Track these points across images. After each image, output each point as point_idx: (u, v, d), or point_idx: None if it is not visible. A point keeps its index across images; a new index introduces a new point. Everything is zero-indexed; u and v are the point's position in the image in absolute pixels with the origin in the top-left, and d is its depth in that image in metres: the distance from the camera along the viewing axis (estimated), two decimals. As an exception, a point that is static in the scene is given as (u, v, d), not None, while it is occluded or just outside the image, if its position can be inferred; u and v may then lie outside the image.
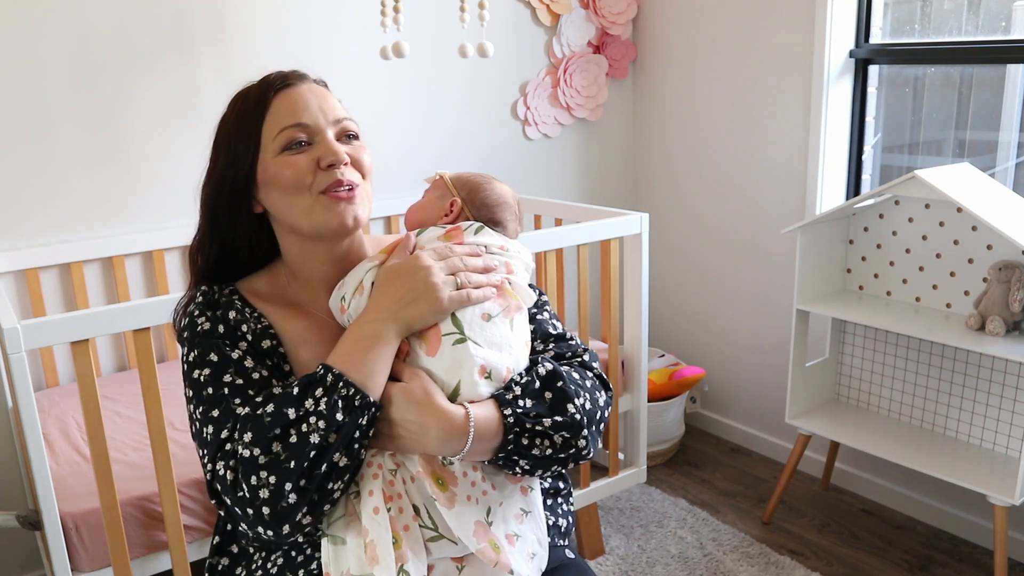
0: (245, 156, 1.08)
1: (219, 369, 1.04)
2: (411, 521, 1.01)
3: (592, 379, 1.15)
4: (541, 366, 1.09)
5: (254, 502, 0.96)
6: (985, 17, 2.33)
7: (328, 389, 0.98)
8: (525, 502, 1.11)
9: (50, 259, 2.23)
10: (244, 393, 1.03)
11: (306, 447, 0.95)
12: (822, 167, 2.60)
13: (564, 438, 1.05)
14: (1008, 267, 2.02)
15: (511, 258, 1.14)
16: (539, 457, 1.05)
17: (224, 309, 1.10)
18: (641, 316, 2.28)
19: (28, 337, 1.43)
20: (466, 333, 1.04)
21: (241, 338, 1.07)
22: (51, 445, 1.90)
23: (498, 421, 1.02)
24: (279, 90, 1.09)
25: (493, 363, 1.04)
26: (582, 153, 3.16)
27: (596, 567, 2.32)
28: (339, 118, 1.10)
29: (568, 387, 1.07)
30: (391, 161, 2.73)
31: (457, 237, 1.11)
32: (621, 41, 3.11)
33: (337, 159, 1.06)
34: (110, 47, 2.25)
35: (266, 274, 1.18)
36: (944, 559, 2.33)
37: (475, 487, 1.05)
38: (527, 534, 1.09)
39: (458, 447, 1.00)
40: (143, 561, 1.68)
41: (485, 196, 1.19)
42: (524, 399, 1.05)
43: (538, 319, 1.20)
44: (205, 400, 1.04)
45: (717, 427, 3.16)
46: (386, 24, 2.22)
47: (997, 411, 2.18)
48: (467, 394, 1.03)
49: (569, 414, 1.06)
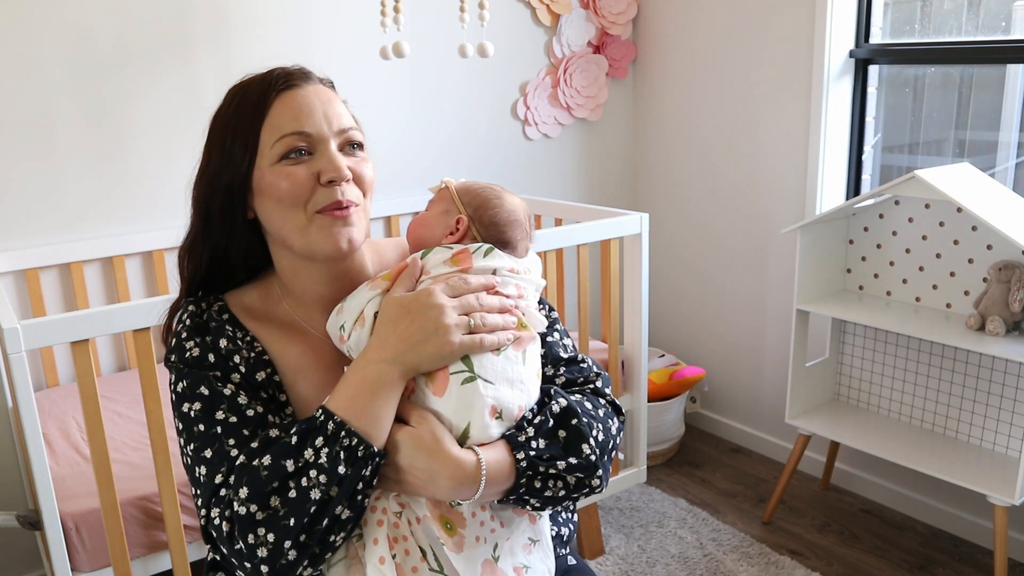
0: (241, 160, 1.00)
1: (211, 405, 0.98)
2: (419, 563, 0.96)
3: (605, 407, 1.10)
4: (555, 403, 1.02)
5: (252, 559, 0.91)
6: (985, 17, 2.33)
7: (329, 439, 0.91)
8: (533, 531, 1.07)
9: (50, 259, 2.23)
10: (239, 433, 0.96)
11: (306, 503, 0.90)
12: (822, 167, 2.60)
13: (578, 478, 1.01)
14: (1008, 267, 2.02)
15: (522, 280, 1.07)
16: (551, 497, 1.01)
17: (215, 336, 1.02)
18: (641, 316, 2.28)
19: (28, 337, 1.43)
20: (475, 371, 0.97)
21: (233, 369, 1.00)
22: (51, 445, 1.90)
23: (510, 465, 0.97)
24: (281, 91, 1.01)
25: (504, 402, 0.99)
26: (582, 153, 3.16)
27: (596, 567, 2.32)
28: (344, 127, 1.02)
29: (582, 425, 1.02)
30: (391, 161, 2.73)
31: (465, 261, 1.03)
32: (621, 41, 3.11)
33: (339, 175, 0.99)
34: (110, 47, 2.25)
35: (258, 287, 1.10)
36: (944, 559, 2.33)
37: (483, 527, 1.00)
38: (536, 564, 1.05)
39: (469, 494, 0.95)
40: (143, 561, 1.68)
41: (494, 215, 1.10)
42: (537, 439, 0.99)
43: (548, 341, 1.14)
44: (196, 437, 0.98)
45: (717, 427, 3.16)
46: (386, 24, 2.22)
47: (997, 411, 2.18)
48: (477, 437, 0.97)
49: (584, 456, 1.01)
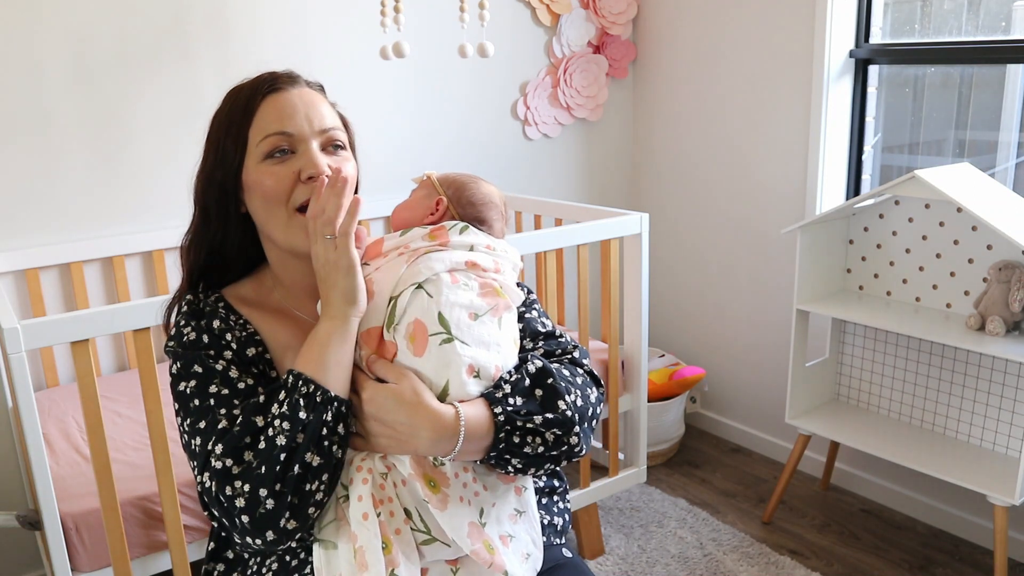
0: (232, 158, 1.08)
1: (204, 381, 1.04)
2: (402, 524, 1.00)
3: (583, 375, 1.15)
4: (531, 363, 1.08)
5: (232, 511, 0.96)
6: (985, 17, 2.33)
7: (289, 390, 0.98)
8: (519, 502, 1.10)
9: (50, 259, 2.23)
10: (230, 403, 1.03)
11: (274, 450, 0.95)
12: (822, 167, 2.60)
13: (556, 435, 1.05)
14: (1008, 267, 2.02)
15: (499, 257, 1.14)
16: (531, 455, 1.05)
17: (208, 318, 1.09)
18: (641, 316, 2.28)
19: (28, 337, 1.43)
20: (453, 333, 1.03)
21: (226, 347, 1.07)
22: (51, 445, 1.90)
23: (488, 419, 1.02)
24: (267, 94, 1.08)
25: (481, 362, 1.04)
26: (582, 153, 3.16)
27: (596, 567, 2.32)
28: (325, 128, 1.09)
29: (558, 384, 1.07)
30: (391, 161, 2.73)
31: (442, 236, 1.10)
32: (621, 41, 3.11)
33: (317, 171, 1.05)
34: (110, 47, 2.25)
35: (253, 279, 1.18)
36: (944, 559, 2.33)
37: (467, 488, 1.04)
38: (521, 535, 1.08)
39: (449, 447, 0.99)
40: (143, 561, 1.68)
41: (471, 195, 1.19)
42: (514, 397, 1.04)
43: (527, 317, 1.20)
44: (192, 412, 1.04)
45: (717, 427, 3.16)
46: (386, 24, 2.22)
47: (997, 411, 2.18)
48: (456, 393, 1.02)
49: (560, 411, 1.05)
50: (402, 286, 1.04)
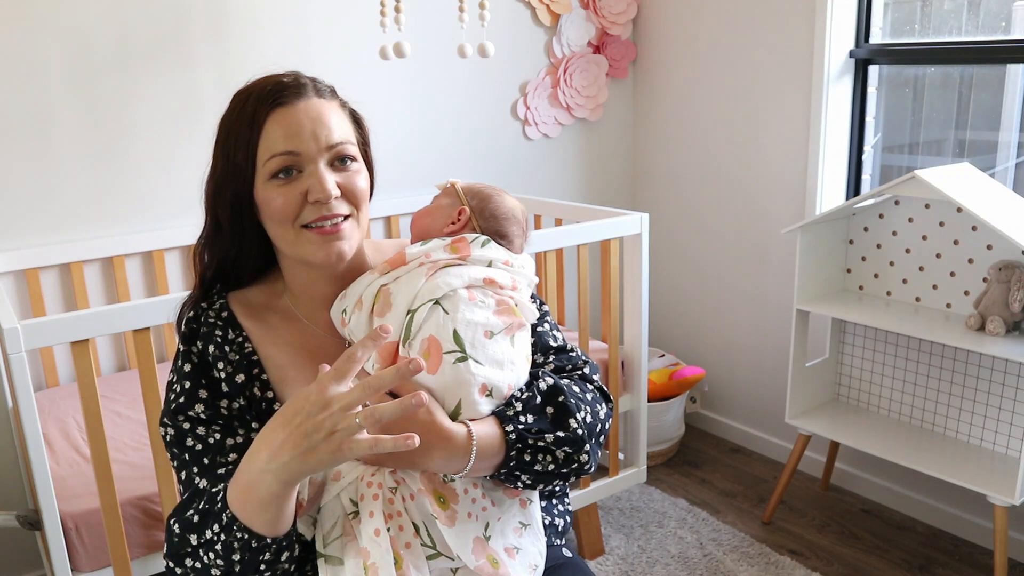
0: (244, 174, 1.05)
1: (182, 438, 1.05)
2: (412, 538, 0.99)
3: (593, 391, 1.14)
4: (542, 381, 1.07)
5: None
6: (985, 17, 2.33)
7: (225, 528, 0.94)
8: (524, 515, 1.10)
9: (50, 259, 2.23)
10: (199, 463, 1.04)
11: (210, 573, 0.96)
12: (822, 167, 2.60)
13: (566, 453, 1.05)
14: (1008, 267, 2.02)
15: (516, 274, 1.12)
16: (541, 472, 1.04)
17: (204, 342, 1.08)
18: (641, 316, 2.28)
19: (28, 337, 1.43)
20: (468, 351, 1.02)
21: (215, 382, 1.06)
22: (51, 445, 1.90)
23: (500, 438, 1.01)
24: (273, 108, 1.03)
25: (494, 381, 1.03)
26: (582, 153, 3.16)
27: (596, 567, 2.32)
28: (333, 143, 1.05)
29: (569, 401, 1.06)
30: (391, 161, 2.73)
31: (463, 249, 1.09)
32: (621, 41, 3.11)
33: (324, 196, 1.02)
34: (110, 47, 2.25)
35: (263, 283, 1.16)
36: (944, 559, 2.33)
37: (475, 504, 1.03)
38: (527, 547, 1.07)
39: (461, 466, 0.99)
40: (143, 561, 1.68)
41: (495, 208, 1.17)
42: (525, 415, 1.03)
43: (539, 331, 1.19)
44: (175, 457, 1.07)
45: (717, 427, 3.16)
46: (386, 24, 2.22)
47: (997, 411, 2.18)
48: (468, 413, 1.02)
49: (571, 429, 1.05)
50: (420, 300, 1.03)
